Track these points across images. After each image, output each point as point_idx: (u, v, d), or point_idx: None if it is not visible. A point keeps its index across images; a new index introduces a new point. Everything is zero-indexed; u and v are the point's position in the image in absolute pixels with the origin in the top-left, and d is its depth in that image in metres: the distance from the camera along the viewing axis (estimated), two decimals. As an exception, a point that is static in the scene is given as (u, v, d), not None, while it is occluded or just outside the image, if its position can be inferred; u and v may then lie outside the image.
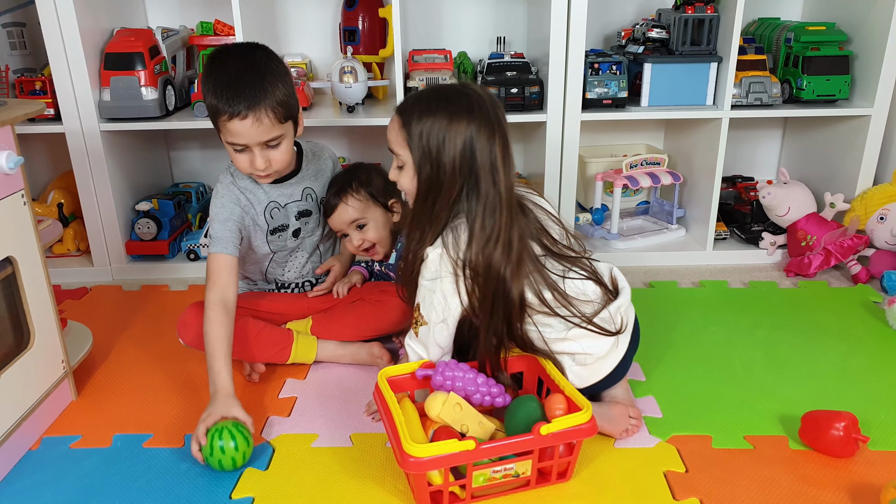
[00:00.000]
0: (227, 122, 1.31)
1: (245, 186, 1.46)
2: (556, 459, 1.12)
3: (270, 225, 1.49)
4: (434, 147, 1.16)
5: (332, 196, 1.52)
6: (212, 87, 1.32)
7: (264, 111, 1.31)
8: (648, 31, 1.95)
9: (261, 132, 1.33)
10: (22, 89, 1.91)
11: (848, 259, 1.91)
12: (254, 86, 1.30)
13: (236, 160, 1.39)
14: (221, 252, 1.39)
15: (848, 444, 1.19)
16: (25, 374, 1.26)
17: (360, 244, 1.55)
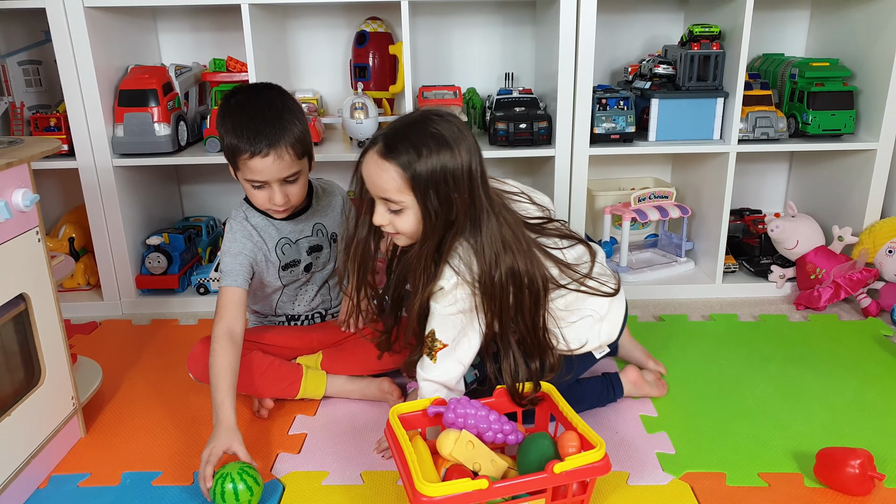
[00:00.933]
0: (248, 161, 1.34)
1: (257, 224, 1.48)
2: (569, 498, 1.10)
3: (282, 260, 1.50)
4: (443, 183, 1.15)
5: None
6: (231, 127, 1.34)
7: (284, 148, 1.34)
8: (655, 67, 1.98)
9: (281, 169, 1.35)
10: (37, 126, 1.94)
11: (857, 292, 1.90)
12: (273, 124, 1.33)
13: (254, 196, 1.41)
14: (231, 285, 1.40)
15: (864, 482, 1.17)
16: (36, 411, 1.26)
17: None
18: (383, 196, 1.18)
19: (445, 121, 1.17)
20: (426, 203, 1.16)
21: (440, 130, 1.15)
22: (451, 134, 1.15)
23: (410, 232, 1.21)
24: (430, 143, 1.14)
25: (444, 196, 1.16)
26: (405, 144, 1.14)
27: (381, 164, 1.16)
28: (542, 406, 1.28)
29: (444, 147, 1.14)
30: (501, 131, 1.92)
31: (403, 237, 1.23)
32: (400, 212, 1.18)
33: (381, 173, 1.16)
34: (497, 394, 1.26)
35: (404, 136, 1.16)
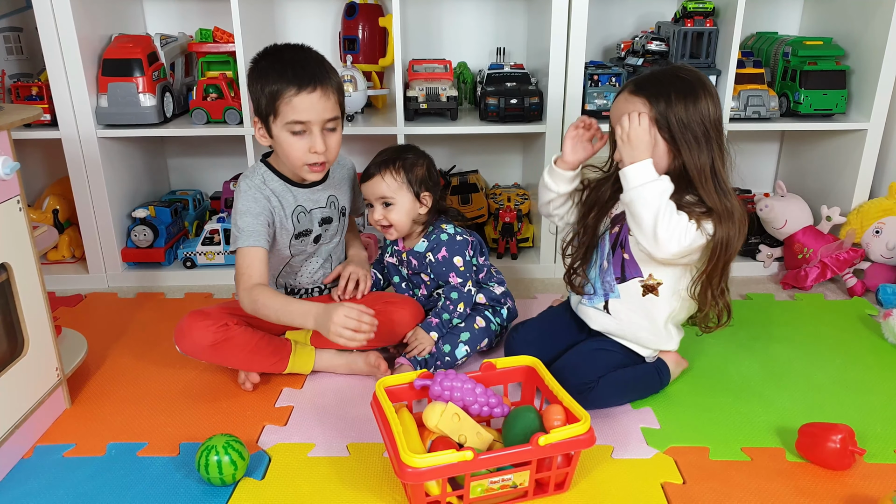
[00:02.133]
0: (293, 99, 1.33)
1: (275, 189, 1.45)
2: (553, 470, 1.11)
3: (297, 228, 1.48)
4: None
5: (373, 165, 1.54)
6: (273, 73, 1.34)
7: (330, 88, 1.35)
8: (648, 44, 1.96)
9: (326, 108, 1.36)
10: (18, 94, 1.90)
11: (844, 272, 1.91)
12: (317, 67, 1.36)
13: (292, 147, 1.37)
14: (254, 245, 1.37)
15: (844, 457, 1.19)
16: (19, 381, 1.25)
17: (379, 219, 1.54)
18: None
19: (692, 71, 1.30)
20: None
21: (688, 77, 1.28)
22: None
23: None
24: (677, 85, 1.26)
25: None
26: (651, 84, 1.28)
27: (629, 100, 1.29)
28: (528, 380, 1.28)
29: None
30: (492, 106, 1.91)
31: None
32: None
33: (630, 108, 1.28)
34: (483, 368, 1.27)
35: (653, 77, 1.30)
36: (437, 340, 1.51)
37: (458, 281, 1.54)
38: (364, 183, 1.56)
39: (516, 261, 2.08)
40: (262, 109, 1.37)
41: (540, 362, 1.27)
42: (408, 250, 1.60)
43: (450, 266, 1.54)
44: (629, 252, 1.37)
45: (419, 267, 1.59)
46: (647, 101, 1.27)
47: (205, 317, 1.41)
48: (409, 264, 1.61)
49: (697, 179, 1.28)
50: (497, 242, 2.09)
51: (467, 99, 2.18)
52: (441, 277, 1.56)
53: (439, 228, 1.58)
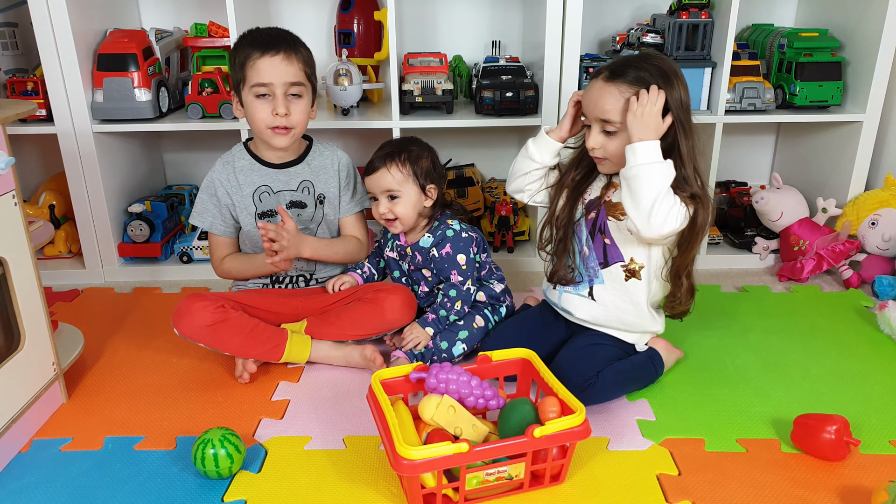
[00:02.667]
0: (257, 61, 1.40)
1: (241, 167, 1.52)
2: (549, 462, 1.11)
3: (259, 208, 1.52)
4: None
5: (377, 158, 1.53)
6: (245, 44, 1.44)
7: (294, 54, 1.44)
8: (643, 36, 1.96)
9: (289, 72, 1.42)
10: (14, 89, 1.90)
11: (840, 264, 1.92)
12: (286, 36, 1.46)
13: (257, 111, 1.44)
14: (208, 228, 1.54)
15: (839, 448, 1.19)
16: (15, 375, 1.25)
17: (385, 212, 1.53)
18: (602, 118, 1.29)
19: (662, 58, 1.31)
20: None
21: (663, 65, 1.28)
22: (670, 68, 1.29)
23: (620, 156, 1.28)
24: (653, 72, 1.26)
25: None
26: (628, 71, 1.27)
27: (605, 87, 1.28)
28: (524, 372, 1.28)
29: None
30: (488, 100, 1.90)
31: (608, 164, 1.35)
32: (615, 133, 1.30)
33: (605, 95, 1.28)
34: (479, 360, 1.27)
35: (628, 64, 1.29)
36: (433, 336, 1.51)
37: (459, 279, 1.52)
38: (368, 176, 1.54)
39: (512, 254, 2.08)
40: (234, 79, 1.45)
41: (535, 354, 1.27)
42: (412, 244, 1.58)
43: (452, 263, 1.52)
44: (610, 237, 1.38)
45: (423, 262, 1.57)
46: (625, 87, 1.26)
47: (202, 298, 1.44)
48: (413, 259, 1.59)
49: (681, 163, 1.28)
50: (493, 236, 2.09)
51: (463, 92, 2.18)
52: (443, 273, 1.54)
53: (445, 224, 1.56)
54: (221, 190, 1.51)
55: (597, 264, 1.40)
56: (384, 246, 1.66)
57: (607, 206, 1.38)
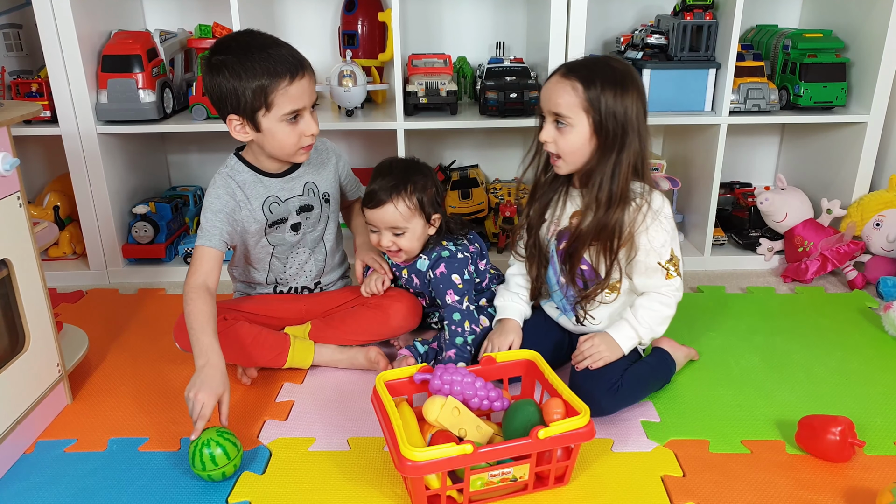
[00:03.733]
0: (288, 88, 1.31)
1: (244, 181, 1.44)
2: (553, 463, 1.11)
3: (269, 219, 1.47)
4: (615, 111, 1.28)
5: (382, 191, 1.42)
6: (256, 66, 1.29)
7: (311, 69, 1.37)
8: (647, 37, 1.96)
9: (313, 90, 1.38)
10: (18, 91, 1.91)
11: (844, 265, 1.91)
12: (291, 50, 1.35)
13: (288, 135, 1.36)
14: (206, 245, 1.38)
15: (844, 449, 1.19)
16: (20, 377, 1.25)
17: (389, 246, 1.47)
18: (555, 111, 1.28)
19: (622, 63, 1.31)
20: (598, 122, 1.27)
21: (620, 68, 1.29)
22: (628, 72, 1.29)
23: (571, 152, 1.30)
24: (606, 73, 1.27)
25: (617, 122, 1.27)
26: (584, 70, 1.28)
27: (560, 82, 1.28)
28: (529, 374, 1.28)
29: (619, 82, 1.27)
30: (492, 101, 1.90)
31: (562, 161, 1.33)
32: (566, 128, 1.29)
33: (559, 89, 1.28)
34: (483, 361, 1.27)
35: (584, 64, 1.30)
36: (441, 335, 1.49)
37: (456, 298, 1.45)
38: (372, 209, 1.44)
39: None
40: (248, 105, 1.32)
41: (539, 356, 1.27)
42: (408, 266, 1.53)
43: (447, 283, 1.46)
44: (585, 262, 1.37)
45: (420, 286, 1.53)
46: (579, 83, 1.26)
47: None
48: (410, 282, 1.55)
49: (624, 172, 1.29)
50: (497, 237, 2.09)
51: (467, 93, 2.18)
52: (438, 295, 1.48)
53: (440, 245, 1.50)
54: (231, 203, 1.42)
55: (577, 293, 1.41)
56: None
57: None
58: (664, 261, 1.33)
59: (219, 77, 1.32)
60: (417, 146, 2.20)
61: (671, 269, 1.34)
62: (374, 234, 1.48)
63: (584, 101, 1.26)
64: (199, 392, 1.18)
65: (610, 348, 1.35)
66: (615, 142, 1.27)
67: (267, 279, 1.57)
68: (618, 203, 1.29)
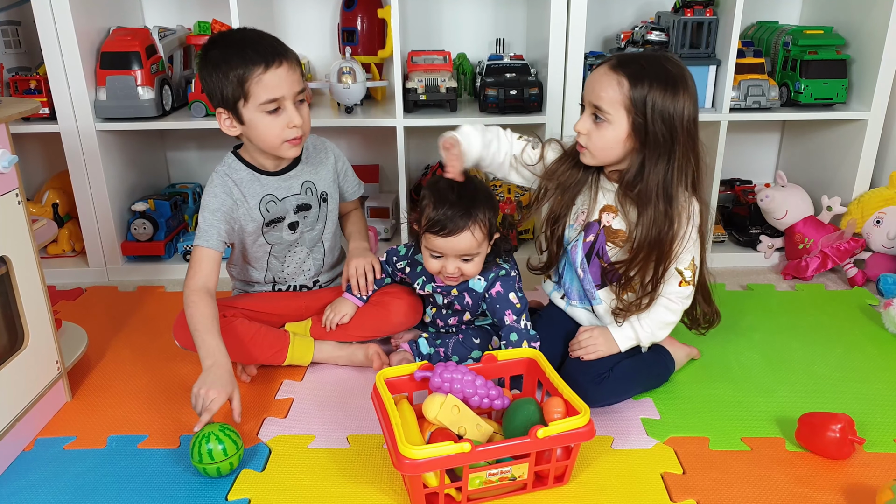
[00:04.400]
0: (262, 77, 1.31)
1: (241, 179, 1.44)
2: (553, 463, 1.11)
3: (266, 217, 1.47)
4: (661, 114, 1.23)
5: (457, 217, 1.32)
6: (234, 57, 1.31)
7: (293, 60, 1.35)
8: (647, 34, 1.95)
9: (294, 81, 1.35)
10: (16, 88, 1.90)
11: (844, 262, 1.91)
12: (274, 41, 1.36)
13: (269, 127, 1.35)
14: (204, 245, 1.38)
15: (844, 446, 1.19)
16: (19, 374, 1.25)
17: (452, 272, 1.37)
18: (595, 103, 1.24)
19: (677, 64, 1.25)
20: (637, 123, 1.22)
21: (675, 71, 1.23)
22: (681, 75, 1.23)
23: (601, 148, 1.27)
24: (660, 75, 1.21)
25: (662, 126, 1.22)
26: (636, 66, 1.22)
27: (607, 74, 1.24)
28: (530, 372, 1.28)
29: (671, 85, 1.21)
30: (492, 97, 1.90)
31: (588, 154, 1.29)
32: (602, 123, 1.25)
33: (604, 82, 1.23)
34: (484, 360, 1.27)
35: (638, 60, 1.24)
36: (450, 351, 1.48)
37: (514, 318, 1.39)
38: (445, 237, 1.33)
39: (517, 252, 2.08)
40: (229, 96, 1.33)
41: (541, 354, 1.27)
42: (458, 285, 1.45)
43: (504, 303, 1.40)
44: (608, 260, 1.35)
45: (472, 306, 1.46)
46: (626, 79, 1.22)
47: None
48: (461, 299, 1.46)
49: (674, 184, 1.25)
50: (497, 234, 2.09)
51: (467, 90, 2.17)
52: (496, 315, 1.41)
53: (496, 265, 1.44)
54: (229, 202, 1.42)
55: (593, 287, 1.39)
56: (412, 279, 1.52)
57: (606, 232, 1.35)
58: (683, 266, 1.32)
59: (204, 71, 1.35)
60: (417, 143, 2.20)
61: (687, 276, 1.33)
62: (436, 260, 1.38)
63: (628, 99, 1.21)
64: (210, 389, 1.19)
65: (607, 343, 1.35)
66: (664, 147, 1.22)
67: (265, 278, 1.57)
68: (676, 219, 1.26)
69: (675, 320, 1.37)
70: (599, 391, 1.32)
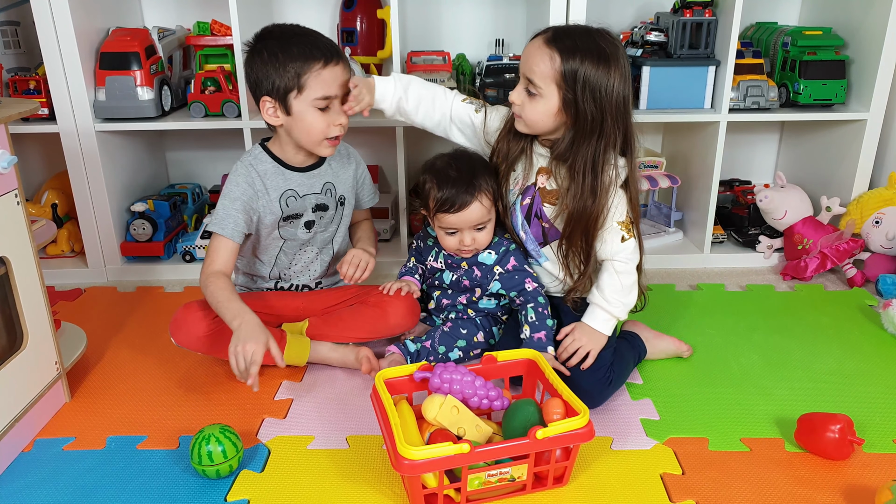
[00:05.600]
0: (321, 72, 1.33)
1: (265, 171, 1.45)
2: (552, 464, 1.11)
3: (285, 212, 1.47)
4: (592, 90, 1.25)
5: (463, 192, 1.37)
6: (295, 48, 1.32)
7: (347, 63, 1.38)
8: (647, 35, 1.96)
9: (345, 82, 1.37)
10: (16, 88, 1.90)
11: (844, 262, 1.91)
12: (330, 41, 1.38)
13: (316, 122, 1.36)
14: (221, 234, 1.39)
15: (843, 447, 1.19)
16: (18, 375, 1.25)
17: (469, 244, 1.42)
18: (528, 76, 1.26)
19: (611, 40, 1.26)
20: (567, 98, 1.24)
21: (609, 49, 1.23)
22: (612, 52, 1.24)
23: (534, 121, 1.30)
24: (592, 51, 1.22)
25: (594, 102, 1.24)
26: (569, 41, 1.23)
27: (542, 48, 1.24)
28: (530, 373, 1.28)
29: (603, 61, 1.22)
30: (491, 98, 1.90)
31: (522, 123, 1.33)
32: (534, 97, 1.27)
33: (537, 56, 1.24)
34: (484, 360, 1.27)
35: (572, 34, 1.24)
36: (435, 339, 1.50)
37: (535, 285, 1.44)
38: (457, 213, 1.38)
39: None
40: (282, 87, 1.34)
41: (541, 355, 1.27)
42: (468, 259, 1.48)
43: (522, 273, 1.45)
44: (547, 220, 1.39)
45: (481, 279, 1.48)
46: (558, 54, 1.22)
47: (199, 308, 1.41)
48: (470, 273, 1.49)
49: (600, 166, 1.28)
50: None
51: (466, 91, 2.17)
52: (515, 286, 1.46)
53: (505, 240, 1.47)
54: (250, 192, 1.42)
55: (537, 246, 1.43)
56: (425, 254, 1.56)
57: (542, 193, 1.39)
58: (620, 219, 1.34)
59: (258, 60, 1.36)
60: (416, 143, 2.19)
61: (626, 232, 1.34)
62: (453, 236, 1.43)
63: (559, 74, 1.23)
64: (246, 344, 1.21)
65: (591, 338, 1.36)
66: (593, 125, 1.25)
67: (270, 273, 1.57)
68: (602, 193, 1.29)
69: (634, 278, 1.38)
70: (609, 391, 1.36)
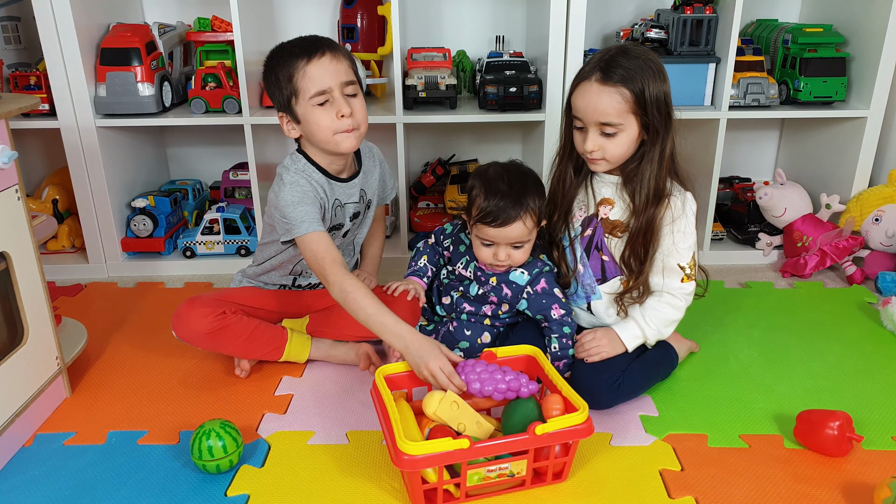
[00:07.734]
0: (306, 69, 1.30)
1: (318, 181, 1.40)
2: (551, 460, 1.11)
3: (332, 223, 1.45)
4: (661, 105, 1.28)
5: (509, 207, 1.30)
6: (283, 58, 1.33)
7: (339, 52, 1.34)
8: (647, 32, 1.96)
9: (340, 71, 1.33)
10: (16, 84, 1.90)
11: (843, 260, 1.91)
12: (323, 39, 1.36)
13: (320, 119, 1.32)
14: (316, 230, 1.32)
15: (842, 443, 1.19)
16: (19, 370, 1.25)
17: (503, 259, 1.36)
18: (602, 121, 1.25)
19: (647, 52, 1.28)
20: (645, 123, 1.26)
21: (650, 57, 1.26)
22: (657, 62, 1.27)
23: (619, 156, 1.30)
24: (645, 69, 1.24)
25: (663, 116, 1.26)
26: (622, 70, 1.24)
27: (602, 90, 1.25)
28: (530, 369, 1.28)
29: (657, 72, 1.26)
30: (491, 95, 1.90)
31: (604, 164, 1.32)
32: (615, 135, 1.27)
33: (603, 98, 1.24)
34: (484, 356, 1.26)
35: (619, 63, 1.24)
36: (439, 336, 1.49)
37: (562, 312, 1.38)
38: (498, 227, 1.31)
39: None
40: (284, 99, 1.33)
41: (540, 351, 1.27)
42: (497, 274, 1.41)
43: (551, 298, 1.39)
44: (608, 254, 1.37)
45: (510, 297, 1.42)
46: (625, 89, 1.23)
47: (202, 304, 1.41)
48: (498, 290, 1.42)
49: (666, 162, 1.29)
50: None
51: (466, 87, 2.17)
52: (542, 310, 1.39)
53: (540, 261, 1.41)
54: (313, 195, 1.36)
55: (594, 281, 1.39)
56: (455, 259, 1.49)
57: (604, 224, 1.36)
58: (684, 262, 1.33)
59: (266, 83, 1.38)
60: (416, 140, 2.20)
61: (688, 272, 1.34)
62: (489, 248, 1.36)
63: (633, 104, 1.24)
64: (430, 363, 1.18)
65: (612, 344, 1.35)
66: (659, 133, 1.27)
67: (291, 270, 1.55)
68: (660, 198, 1.29)
69: (680, 317, 1.37)
70: (615, 396, 1.33)
